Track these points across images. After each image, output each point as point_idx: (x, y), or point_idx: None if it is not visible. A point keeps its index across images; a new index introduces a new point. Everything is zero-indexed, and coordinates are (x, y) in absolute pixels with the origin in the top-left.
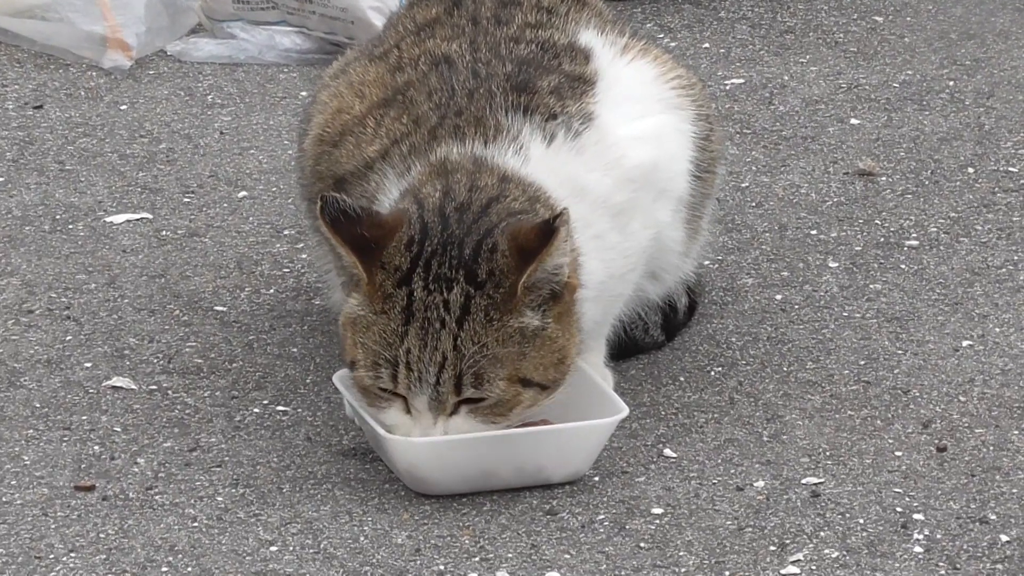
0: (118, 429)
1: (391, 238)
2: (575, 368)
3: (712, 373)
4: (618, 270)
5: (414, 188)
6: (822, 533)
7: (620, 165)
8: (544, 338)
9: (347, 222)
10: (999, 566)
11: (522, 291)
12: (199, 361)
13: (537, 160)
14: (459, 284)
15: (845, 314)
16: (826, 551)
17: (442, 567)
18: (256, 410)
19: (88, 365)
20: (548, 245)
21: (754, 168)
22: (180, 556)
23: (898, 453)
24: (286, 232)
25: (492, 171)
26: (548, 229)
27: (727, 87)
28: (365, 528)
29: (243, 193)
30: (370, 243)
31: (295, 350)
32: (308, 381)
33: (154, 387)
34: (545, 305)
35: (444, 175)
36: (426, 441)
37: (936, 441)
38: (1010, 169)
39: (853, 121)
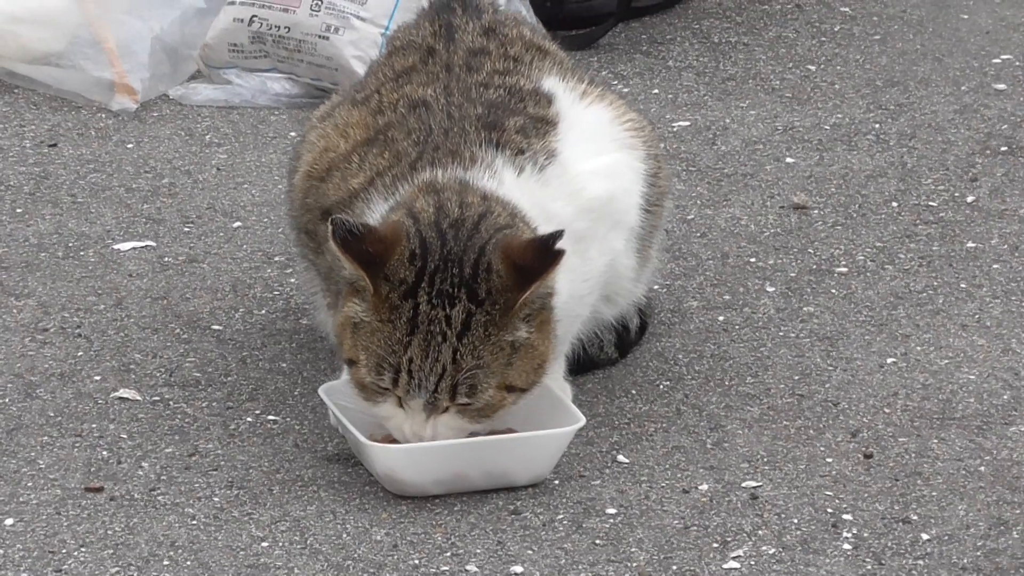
0: (124, 436)
1: (392, 251)
2: (549, 371)
3: (661, 387)
4: (578, 291)
5: (406, 203)
6: (760, 532)
7: (580, 196)
8: (528, 347)
9: (354, 240)
10: (920, 562)
11: (519, 308)
12: (197, 375)
13: (510, 185)
14: (461, 302)
15: (781, 334)
16: (764, 548)
17: (417, 561)
18: (249, 419)
19: (97, 378)
20: (552, 266)
21: (699, 202)
22: (180, 551)
23: (829, 459)
24: (277, 259)
25: (475, 191)
26: (546, 248)
27: (674, 129)
28: (347, 526)
29: (238, 223)
30: (374, 257)
31: (284, 365)
32: (296, 393)
33: (157, 398)
34: (533, 317)
35: (435, 192)
36: (403, 447)
37: (863, 449)
38: (930, 203)
39: (788, 160)
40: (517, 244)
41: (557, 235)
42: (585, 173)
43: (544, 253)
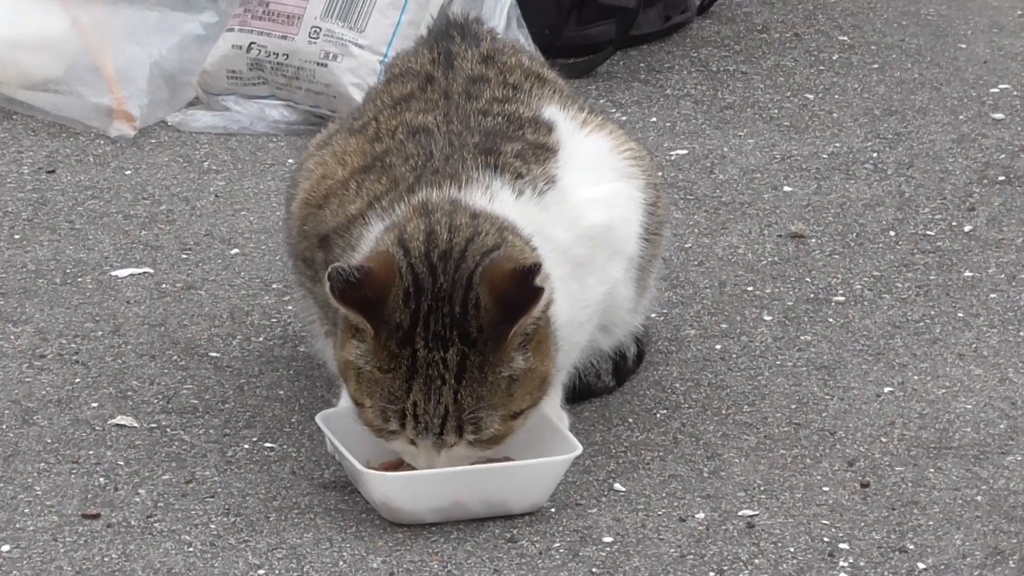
0: (121, 463)
1: (388, 291)
2: (557, 381)
3: (658, 415)
4: (577, 318)
5: (399, 225)
6: (756, 560)
7: (580, 224)
8: (527, 372)
9: (351, 290)
10: None
11: (510, 340)
12: (195, 402)
13: (508, 204)
14: (455, 344)
15: (778, 363)
16: None
17: None
18: (246, 446)
19: (95, 405)
20: (535, 302)
21: (696, 230)
22: None
23: (825, 488)
24: (274, 286)
25: (465, 210)
26: (527, 283)
27: (672, 157)
28: (344, 554)
29: (235, 250)
30: (372, 301)
31: (282, 392)
32: (293, 420)
33: (154, 425)
34: (528, 342)
35: (426, 214)
36: (399, 475)
37: (860, 478)
38: (927, 233)
39: (786, 188)
40: (501, 276)
41: (535, 268)
42: (585, 201)
43: (526, 287)
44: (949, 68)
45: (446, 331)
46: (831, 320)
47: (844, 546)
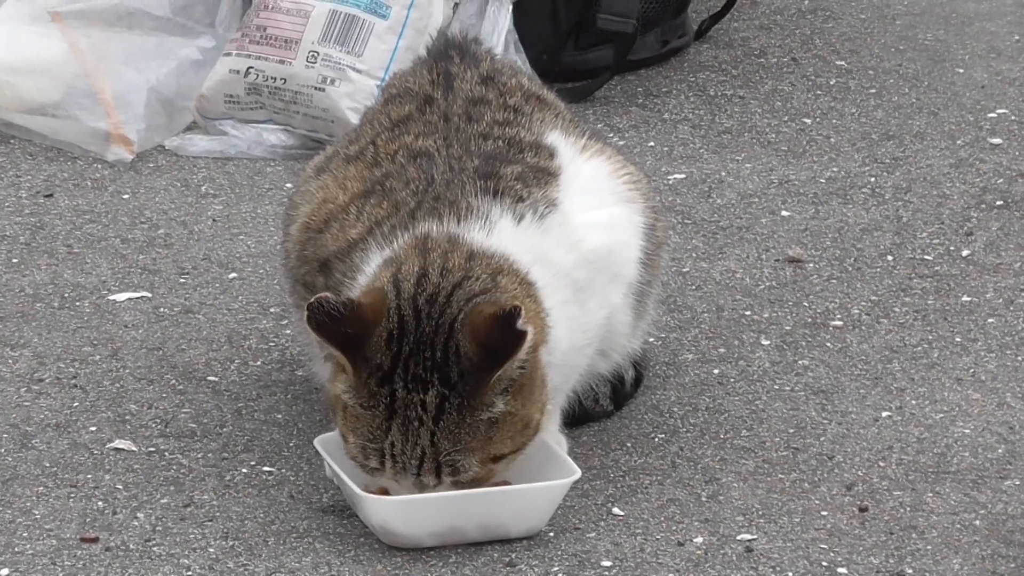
0: (120, 487)
1: (372, 331)
2: (543, 425)
3: (656, 439)
4: (578, 342)
5: (397, 260)
6: None
7: (580, 247)
8: (508, 416)
9: (331, 323)
10: None
11: (492, 385)
12: (193, 426)
13: (506, 234)
14: (434, 387)
15: (776, 387)
16: None
17: None
18: (244, 470)
19: (93, 429)
20: (518, 348)
21: (694, 255)
22: None
23: (824, 512)
24: (272, 310)
25: (462, 250)
26: (509, 327)
27: (670, 181)
28: None
29: (233, 274)
30: (352, 339)
31: (280, 416)
32: (291, 444)
33: (152, 449)
34: (510, 387)
35: (424, 253)
36: (398, 499)
37: (858, 502)
38: (925, 257)
39: (784, 213)
40: (482, 322)
41: (515, 312)
42: (585, 225)
43: (508, 332)
44: (947, 93)
45: (426, 374)
46: (829, 345)
47: (843, 570)
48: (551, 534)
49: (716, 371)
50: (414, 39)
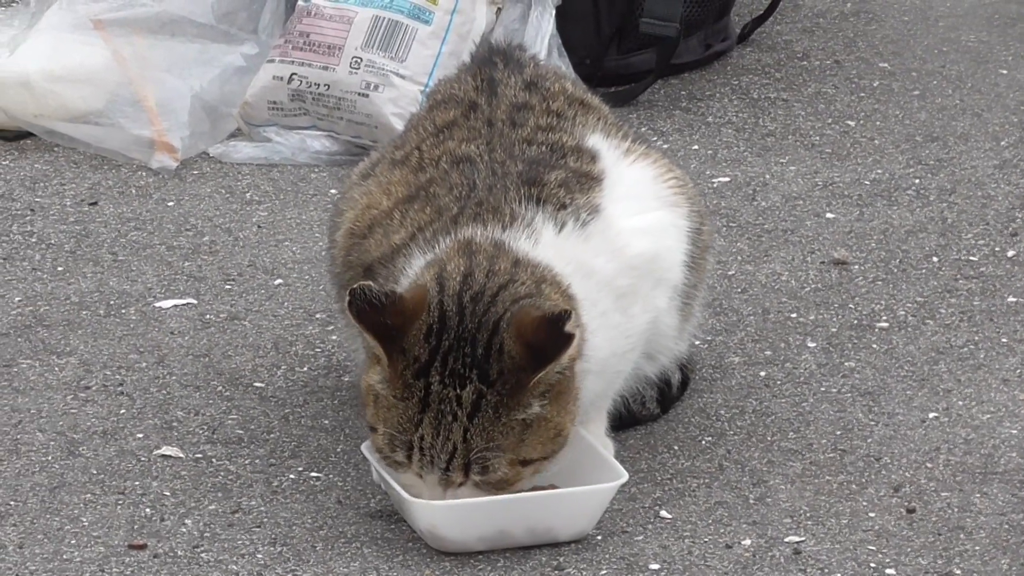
0: (167, 493)
1: (412, 324)
2: (573, 436)
3: (703, 442)
4: (620, 348)
5: (441, 261)
6: None
7: (624, 253)
8: (542, 420)
9: (372, 311)
10: None
11: (532, 387)
12: (240, 432)
13: (548, 244)
14: (472, 383)
15: (823, 389)
16: None
17: None
18: (292, 476)
19: (140, 436)
20: (563, 350)
21: (739, 258)
22: None
23: (872, 514)
24: (318, 316)
25: (508, 255)
26: (557, 330)
27: (715, 185)
28: None
29: (279, 281)
30: (391, 330)
31: (327, 422)
32: (339, 450)
33: (200, 455)
34: (548, 391)
35: (469, 255)
36: (446, 504)
37: (906, 503)
38: (970, 258)
39: (828, 215)
40: (529, 322)
41: (566, 315)
42: (629, 230)
43: (555, 334)
44: (990, 94)
45: (465, 369)
46: (875, 346)
47: (891, 572)
48: (599, 538)
49: (763, 373)
50: (457, 44)
